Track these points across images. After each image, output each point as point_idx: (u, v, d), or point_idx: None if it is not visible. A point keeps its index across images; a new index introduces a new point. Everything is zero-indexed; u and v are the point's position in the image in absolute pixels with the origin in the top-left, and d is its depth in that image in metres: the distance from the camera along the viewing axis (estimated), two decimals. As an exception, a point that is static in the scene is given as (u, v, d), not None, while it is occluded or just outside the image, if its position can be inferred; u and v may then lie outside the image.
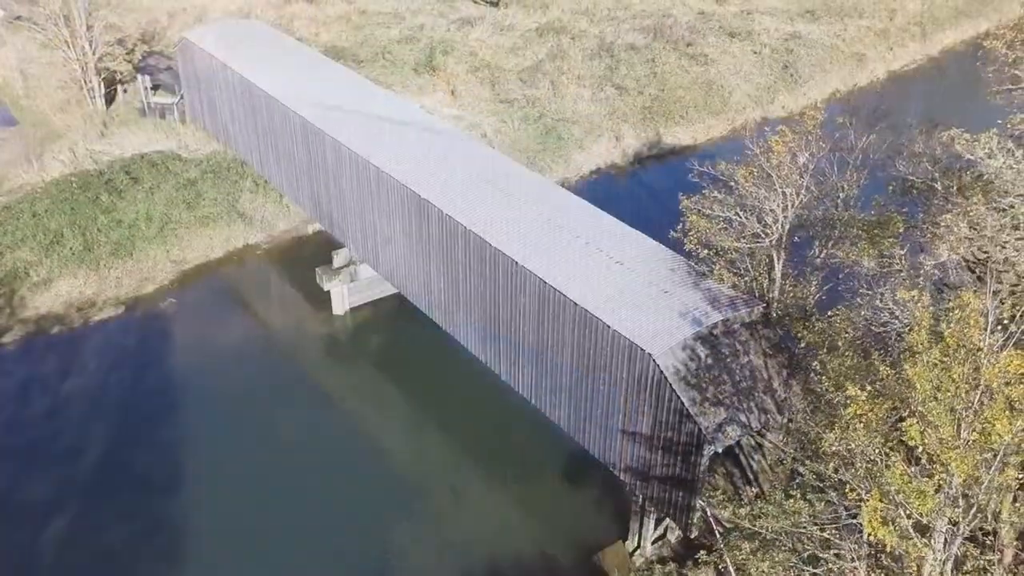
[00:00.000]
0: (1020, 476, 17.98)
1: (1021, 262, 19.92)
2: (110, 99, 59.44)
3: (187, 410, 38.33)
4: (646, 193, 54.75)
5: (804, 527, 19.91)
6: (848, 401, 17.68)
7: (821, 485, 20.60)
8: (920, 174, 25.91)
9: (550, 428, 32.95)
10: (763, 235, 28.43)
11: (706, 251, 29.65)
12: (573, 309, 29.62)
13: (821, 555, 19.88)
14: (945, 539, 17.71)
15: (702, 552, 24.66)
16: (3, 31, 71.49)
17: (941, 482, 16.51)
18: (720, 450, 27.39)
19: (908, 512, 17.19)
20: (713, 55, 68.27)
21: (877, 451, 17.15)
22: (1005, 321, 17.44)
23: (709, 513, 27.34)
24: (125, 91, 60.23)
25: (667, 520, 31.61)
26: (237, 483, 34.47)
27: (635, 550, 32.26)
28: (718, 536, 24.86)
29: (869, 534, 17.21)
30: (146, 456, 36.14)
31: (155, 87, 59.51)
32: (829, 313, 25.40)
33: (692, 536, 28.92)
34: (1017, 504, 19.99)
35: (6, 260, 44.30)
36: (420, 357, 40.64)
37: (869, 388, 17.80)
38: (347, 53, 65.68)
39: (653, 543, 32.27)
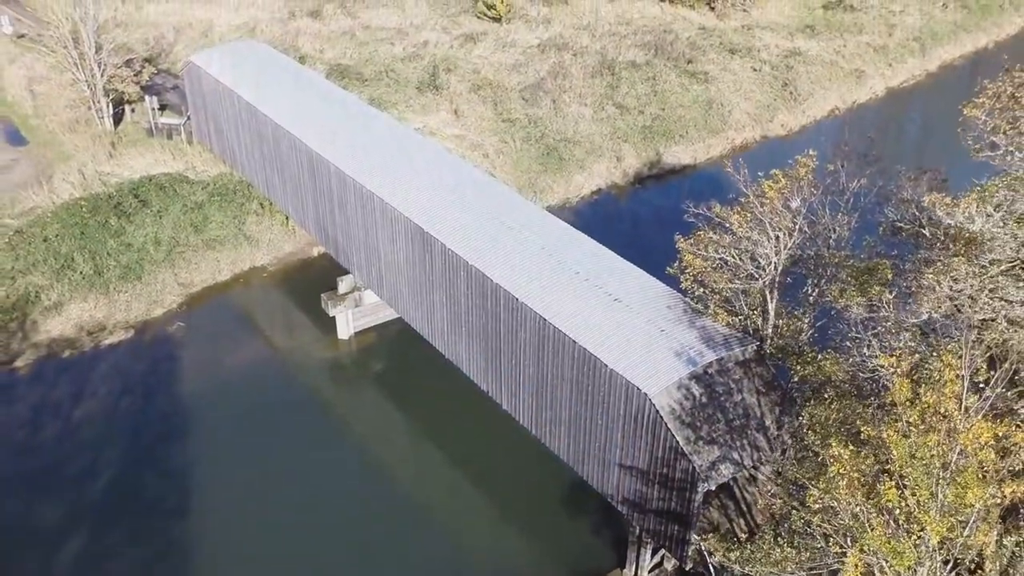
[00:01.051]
0: (999, 528, 18.80)
1: (1000, 321, 20.77)
2: (118, 119, 60.34)
3: (196, 434, 39.27)
4: (646, 214, 55.59)
5: (792, 574, 20.75)
6: (832, 460, 18.53)
7: (810, 531, 21.43)
8: (908, 220, 26.72)
9: (551, 455, 33.83)
10: (756, 276, 29.21)
11: (701, 289, 30.41)
12: (572, 347, 30.48)
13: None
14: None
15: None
16: (12, 48, 72.41)
17: (918, 541, 17.34)
18: (713, 488, 28.25)
19: (889, 565, 18.03)
20: (713, 72, 69.04)
21: (859, 508, 17.99)
22: (982, 384, 18.27)
23: (704, 547, 28.21)
24: (133, 111, 61.15)
25: (664, 550, 32.50)
26: (246, 506, 35.43)
27: (632, 578, 33.16)
28: (712, 572, 25.71)
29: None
30: (156, 480, 37.08)
31: (162, 107, 60.49)
32: (819, 357, 26.17)
33: (688, 568, 29.81)
34: (1001, 544, 20.81)
35: (18, 284, 45.22)
36: (423, 382, 41.50)
37: (851, 447, 18.63)
38: (351, 72, 66.53)
39: (650, 572, 33.17)
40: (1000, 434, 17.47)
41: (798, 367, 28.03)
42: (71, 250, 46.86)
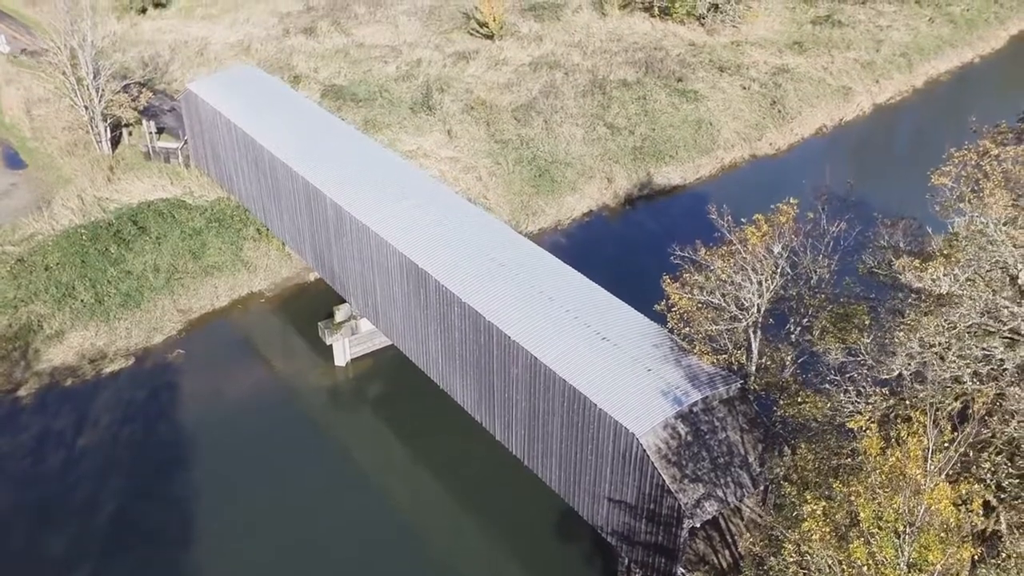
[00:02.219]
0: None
1: (966, 378, 21.80)
2: (115, 142, 61.15)
3: (196, 463, 40.20)
4: (637, 236, 56.57)
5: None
6: (807, 516, 19.59)
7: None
8: (884, 266, 27.80)
9: (543, 484, 34.84)
10: (740, 318, 30.27)
11: (687, 328, 31.44)
12: (563, 385, 31.50)
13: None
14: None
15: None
16: (9, 68, 73.10)
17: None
18: (698, 524, 29.33)
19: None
20: (703, 90, 70.03)
21: (830, 561, 19.05)
22: (946, 444, 19.34)
23: (689, 580, 29.31)
24: (130, 133, 61.93)
25: (652, 579, 33.53)
26: (246, 536, 36.41)
27: (622, 606, 34.15)
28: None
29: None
30: (158, 510, 38.01)
31: (159, 130, 61.29)
32: (800, 400, 27.22)
33: (674, 599, 30.87)
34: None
35: (21, 313, 46.12)
36: (418, 408, 42.39)
37: (824, 503, 19.71)
38: (346, 92, 67.40)
39: (639, 600, 34.17)
40: (962, 493, 18.54)
41: (782, 402, 29.15)
42: (72, 278, 47.73)
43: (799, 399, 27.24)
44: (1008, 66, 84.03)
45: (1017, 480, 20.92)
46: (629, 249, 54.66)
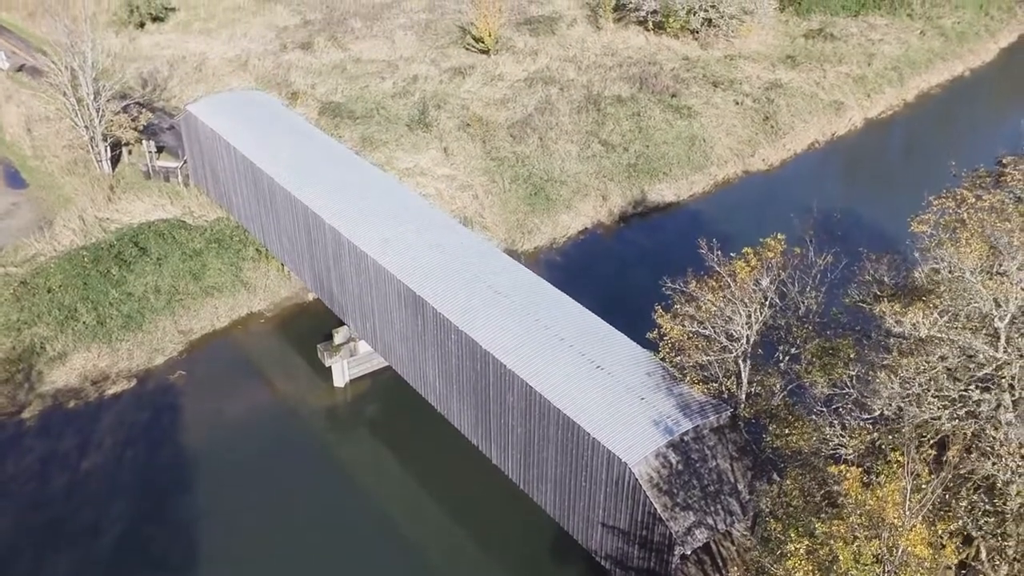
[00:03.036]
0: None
1: (944, 419, 22.62)
2: (115, 160, 61.83)
3: (199, 485, 40.91)
4: (631, 253, 57.39)
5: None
6: (789, 554, 20.42)
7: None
8: (870, 301, 28.64)
9: (538, 506, 35.65)
10: (730, 349, 31.09)
11: (678, 357, 32.25)
12: (557, 414, 32.29)
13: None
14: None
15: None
16: (9, 84, 73.76)
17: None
18: (689, 552, 30.15)
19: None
20: (697, 106, 70.87)
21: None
22: (923, 485, 20.17)
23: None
24: (130, 152, 62.58)
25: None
26: (248, 556, 37.12)
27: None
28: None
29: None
30: (162, 532, 38.73)
31: (159, 149, 62.00)
32: (787, 432, 28.04)
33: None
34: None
35: (24, 336, 46.82)
36: (416, 428, 43.07)
37: (807, 541, 20.53)
38: (343, 109, 68.13)
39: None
40: (939, 533, 19.38)
41: (772, 429, 29.96)
42: (74, 301, 48.45)
43: (787, 431, 28.02)
44: (998, 79, 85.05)
45: (993, 519, 21.75)
46: (623, 267, 55.48)
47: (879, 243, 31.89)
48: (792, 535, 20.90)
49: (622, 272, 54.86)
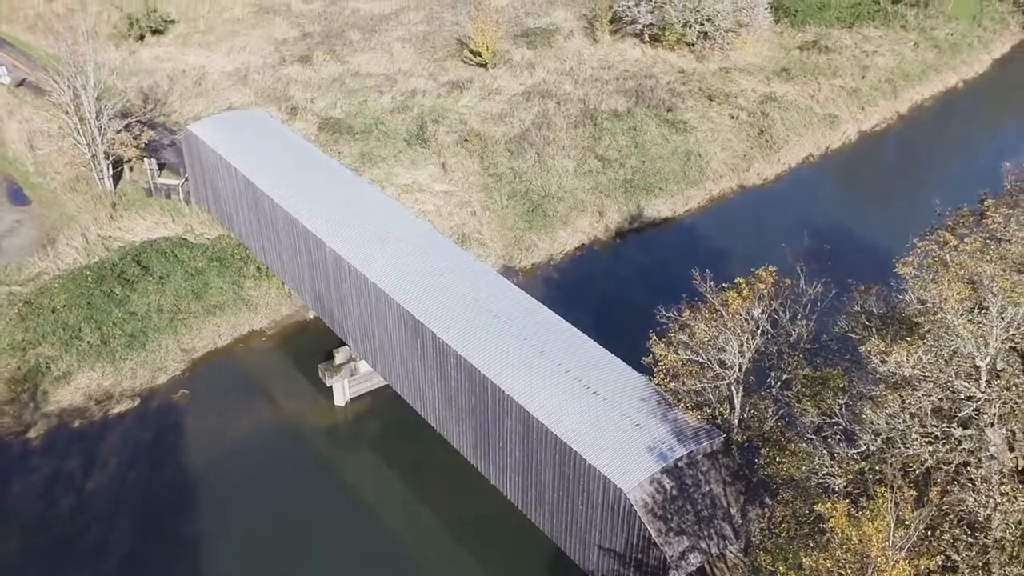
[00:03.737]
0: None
1: (927, 456, 23.41)
2: (117, 177, 62.50)
3: (203, 504, 41.66)
4: (627, 270, 58.17)
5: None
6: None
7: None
8: (859, 331, 29.44)
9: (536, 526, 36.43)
10: (723, 376, 31.84)
11: (673, 384, 33.00)
12: (554, 440, 33.04)
13: None
14: None
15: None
16: (11, 99, 74.38)
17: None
18: (683, 576, 30.93)
19: None
20: (692, 120, 71.63)
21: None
22: (907, 522, 20.94)
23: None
24: (131, 169, 63.31)
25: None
26: (252, 574, 37.87)
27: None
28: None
29: None
30: (167, 551, 39.46)
31: (160, 166, 62.68)
32: (778, 459, 28.81)
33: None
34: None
35: (29, 356, 47.51)
36: (415, 446, 43.87)
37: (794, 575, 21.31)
38: (342, 125, 68.83)
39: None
40: (921, 568, 20.17)
41: (764, 452, 30.69)
42: (78, 321, 49.14)
43: (778, 459, 28.77)
44: (991, 90, 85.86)
45: (974, 553, 22.52)
46: (620, 284, 56.26)
47: (871, 259, 32.55)
48: (781, 568, 21.64)
49: (619, 289, 55.65)
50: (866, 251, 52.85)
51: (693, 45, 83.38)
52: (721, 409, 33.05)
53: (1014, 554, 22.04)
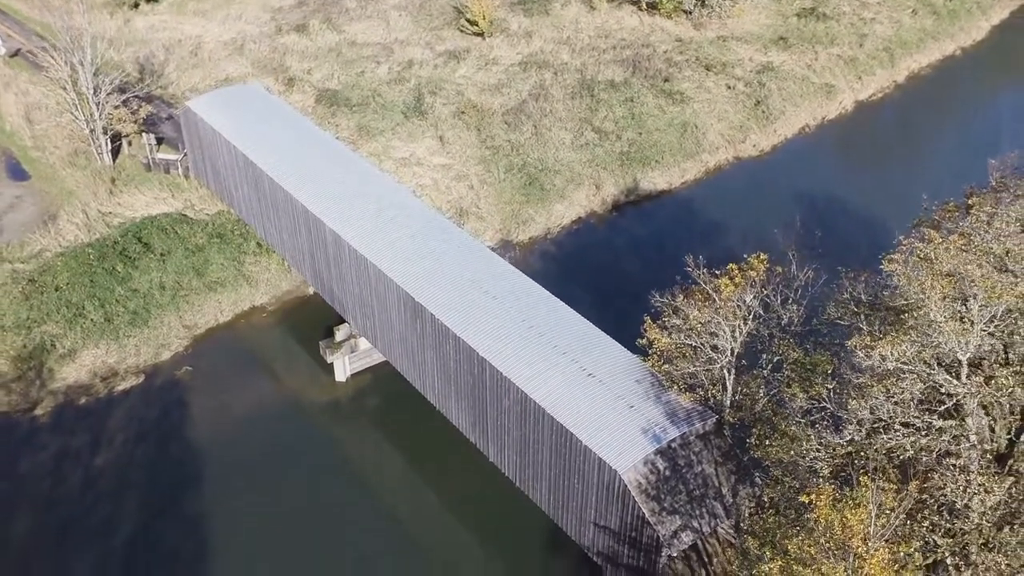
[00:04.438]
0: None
1: (908, 447, 24.25)
2: (116, 152, 62.68)
3: (207, 479, 42.70)
4: (624, 242, 58.75)
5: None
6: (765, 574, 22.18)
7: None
8: (848, 318, 30.18)
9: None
10: (716, 360, 32.65)
11: (666, 366, 33.80)
12: (551, 421, 33.93)
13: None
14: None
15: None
16: (7, 71, 74.16)
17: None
18: (675, 554, 32.00)
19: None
20: (689, 91, 71.64)
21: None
22: (888, 511, 21.86)
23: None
24: (130, 144, 63.44)
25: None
26: (255, 547, 39.00)
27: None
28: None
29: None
30: (173, 527, 40.56)
31: (159, 141, 62.83)
32: (768, 443, 29.71)
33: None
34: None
35: (34, 334, 48.23)
36: (415, 422, 44.69)
37: (780, 561, 22.28)
38: (339, 97, 68.81)
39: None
40: (900, 556, 21.14)
41: (755, 433, 31.59)
42: (81, 298, 49.79)
43: (767, 441, 29.66)
44: (989, 58, 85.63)
45: (951, 539, 23.48)
46: (616, 257, 56.87)
47: (865, 234, 33.06)
48: (768, 553, 22.61)
49: (615, 262, 56.27)
50: (860, 225, 53.45)
51: (691, 13, 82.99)
52: (714, 391, 33.92)
53: (989, 539, 22.99)
